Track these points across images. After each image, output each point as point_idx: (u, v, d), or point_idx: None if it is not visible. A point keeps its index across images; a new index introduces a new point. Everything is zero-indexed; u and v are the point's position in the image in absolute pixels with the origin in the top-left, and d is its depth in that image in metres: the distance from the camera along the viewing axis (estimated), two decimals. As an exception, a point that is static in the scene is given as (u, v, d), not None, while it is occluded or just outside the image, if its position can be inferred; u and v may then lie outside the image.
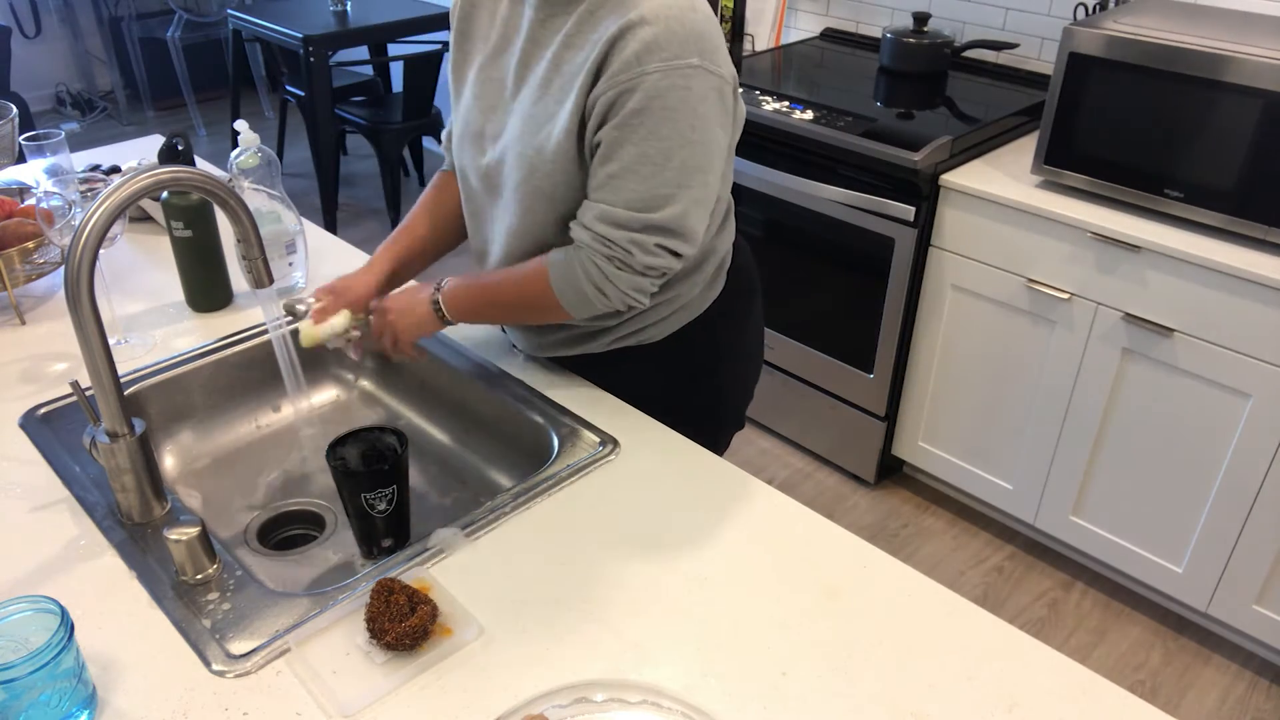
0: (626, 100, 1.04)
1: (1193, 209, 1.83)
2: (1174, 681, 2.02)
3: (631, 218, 1.08)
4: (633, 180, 1.06)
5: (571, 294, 1.13)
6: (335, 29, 3.60)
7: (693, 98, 1.04)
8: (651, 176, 1.06)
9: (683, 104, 1.04)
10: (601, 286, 1.12)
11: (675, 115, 1.04)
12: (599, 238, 1.09)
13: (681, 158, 1.06)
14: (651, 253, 1.10)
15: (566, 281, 1.13)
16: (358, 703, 0.86)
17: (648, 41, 1.02)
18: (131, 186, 0.93)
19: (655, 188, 1.07)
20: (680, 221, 1.09)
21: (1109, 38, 1.82)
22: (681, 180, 1.07)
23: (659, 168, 1.06)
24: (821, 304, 2.40)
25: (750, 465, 2.61)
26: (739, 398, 1.44)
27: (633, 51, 1.03)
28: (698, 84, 1.04)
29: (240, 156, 1.48)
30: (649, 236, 1.09)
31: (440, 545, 1.04)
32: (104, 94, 5.18)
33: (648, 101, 1.03)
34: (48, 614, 0.83)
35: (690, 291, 1.28)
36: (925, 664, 0.91)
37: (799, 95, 2.35)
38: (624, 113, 1.04)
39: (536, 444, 1.24)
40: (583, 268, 1.11)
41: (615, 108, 1.05)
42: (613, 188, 1.08)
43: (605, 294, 1.12)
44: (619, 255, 1.10)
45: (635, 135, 1.05)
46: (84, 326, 0.95)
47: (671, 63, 1.03)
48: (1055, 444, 2.12)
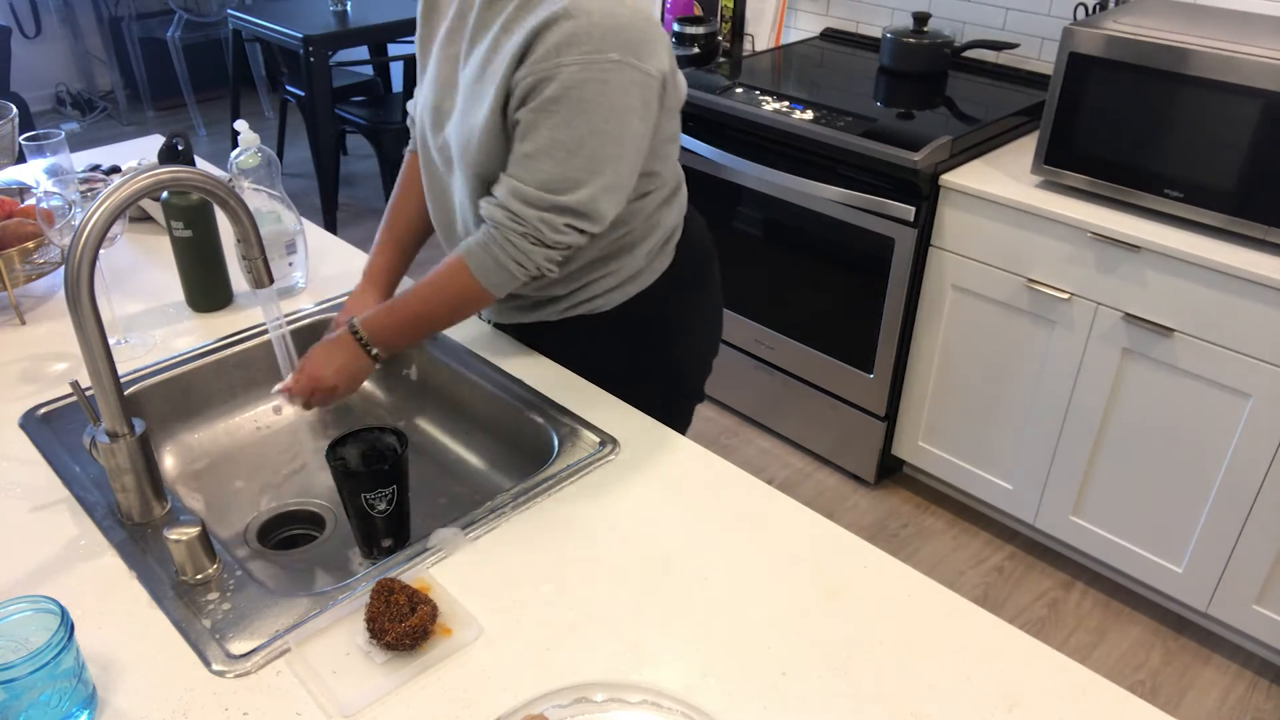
0: (544, 88, 1.09)
1: (1193, 209, 1.83)
2: (1174, 681, 2.02)
3: (540, 197, 1.13)
4: (546, 163, 1.12)
5: (493, 274, 1.18)
6: (335, 29, 3.60)
7: (609, 90, 1.09)
8: (563, 162, 1.12)
9: (598, 96, 1.09)
10: (519, 260, 1.17)
11: (589, 106, 1.09)
12: (511, 215, 1.15)
13: (593, 146, 1.11)
14: (560, 231, 1.15)
15: (486, 264, 1.18)
16: (358, 703, 0.86)
17: (568, 34, 1.07)
18: (131, 186, 0.93)
19: (566, 172, 1.12)
20: (588, 205, 1.15)
21: (1109, 38, 1.82)
22: (592, 167, 1.13)
23: (570, 154, 1.11)
24: (821, 304, 2.40)
25: (750, 465, 2.61)
26: (695, 369, 1.48)
27: (553, 43, 1.08)
28: (615, 78, 1.09)
29: (240, 156, 1.48)
30: (558, 216, 1.14)
31: (440, 545, 1.04)
32: (104, 94, 5.18)
33: (563, 91, 1.09)
34: (48, 614, 0.83)
35: (635, 263, 1.33)
36: (925, 664, 0.91)
37: (799, 95, 2.35)
38: (540, 99, 1.10)
39: (536, 444, 1.24)
40: (500, 246, 1.16)
41: (533, 93, 1.10)
42: (527, 166, 1.13)
43: (524, 266, 1.18)
44: (531, 232, 1.15)
45: (549, 121, 1.10)
46: (84, 326, 0.95)
47: (590, 56, 1.08)
48: (1055, 444, 2.12)
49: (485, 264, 1.18)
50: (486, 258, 1.17)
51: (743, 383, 2.71)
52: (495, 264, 1.17)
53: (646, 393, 1.32)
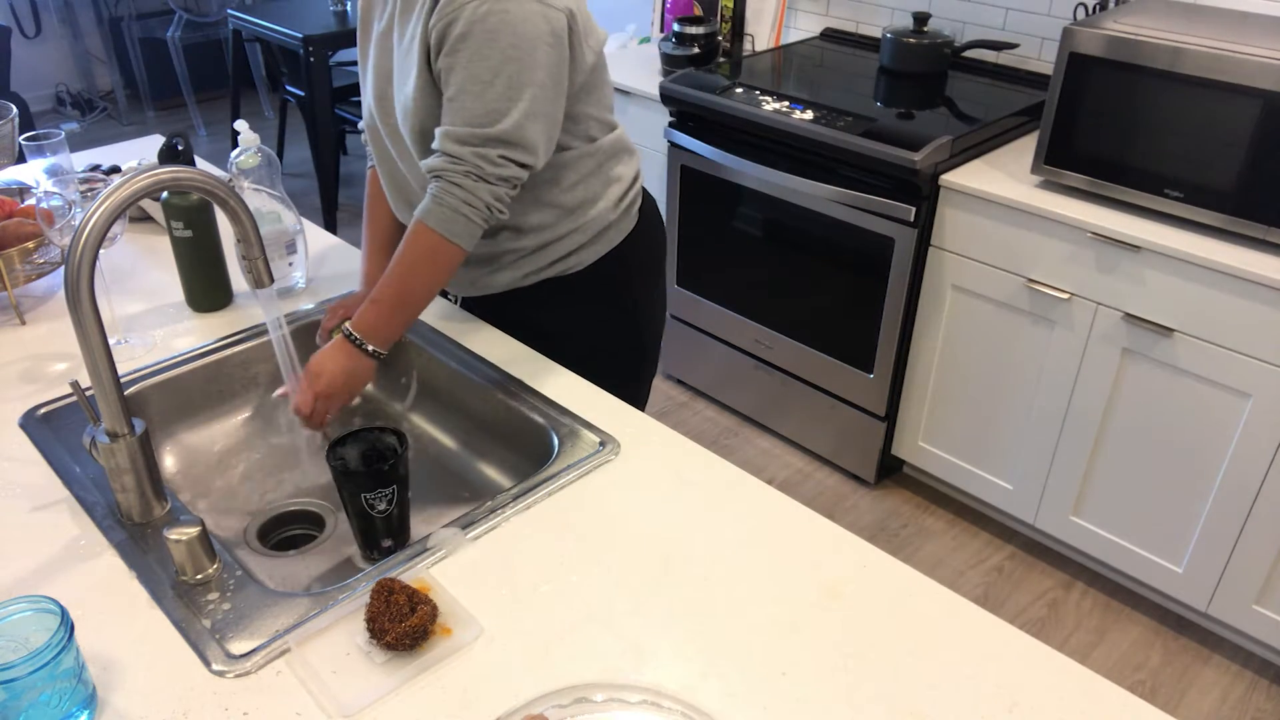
0: (451, 29, 1.15)
1: (1193, 209, 1.83)
2: (1174, 681, 2.02)
3: (470, 133, 1.18)
4: (467, 99, 1.17)
5: (454, 223, 1.21)
6: (335, 29, 3.59)
7: (512, 19, 1.15)
8: (481, 94, 1.16)
9: (502, 25, 1.14)
10: (470, 201, 1.20)
11: (496, 36, 1.14)
12: (448, 158, 1.19)
13: (507, 74, 1.16)
14: (496, 164, 1.19)
15: (443, 215, 1.20)
16: (358, 703, 0.86)
17: None
18: (131, 186, 0.93)
19: (487, 104, 1.17)
20: (515, 134, 1.19)
21: (1109, 38, 1.82)
22: (509, 95, 1.17)
23: (486, 85, 1.16)
24: (821, 304, 2.40)
25: (750, 465, 2.61)
26: (653, 335, 1.55)
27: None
28: (515, 8, 1.15)
29: (240, 156, 1.48)
30: (490, 149, 1.19)
31: (440, 545, 1.04)
32: (104, 94, 5.18)
33: (469, 27, 1.14)
34: (48, 614, 0.83)
35: (604, 218, 1.40)
36: (925, 664, 0.91)
37: (799, 95, 2.35)
38: (450, 40, 1.16)
39: (536, 444, 1.24)
40: (447, 193, 1.20)
41: (444, 38, 1.16)
42: (452, 110, 1.18)
43: (475, 207, 1.21)
44: (471, 170, 1.19)
45: (461, 59, 1.16)
46: (84, 326, 0.95)
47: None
48: (1055, 444, 2.12)
49: (441, 215, 1.20)
50: (440, 209, 1.20)
51: (743, 383, 2.71)
52: (451, 211, 1.20)
53: (614, 357, 1.43)
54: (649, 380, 1.59)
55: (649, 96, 2.63)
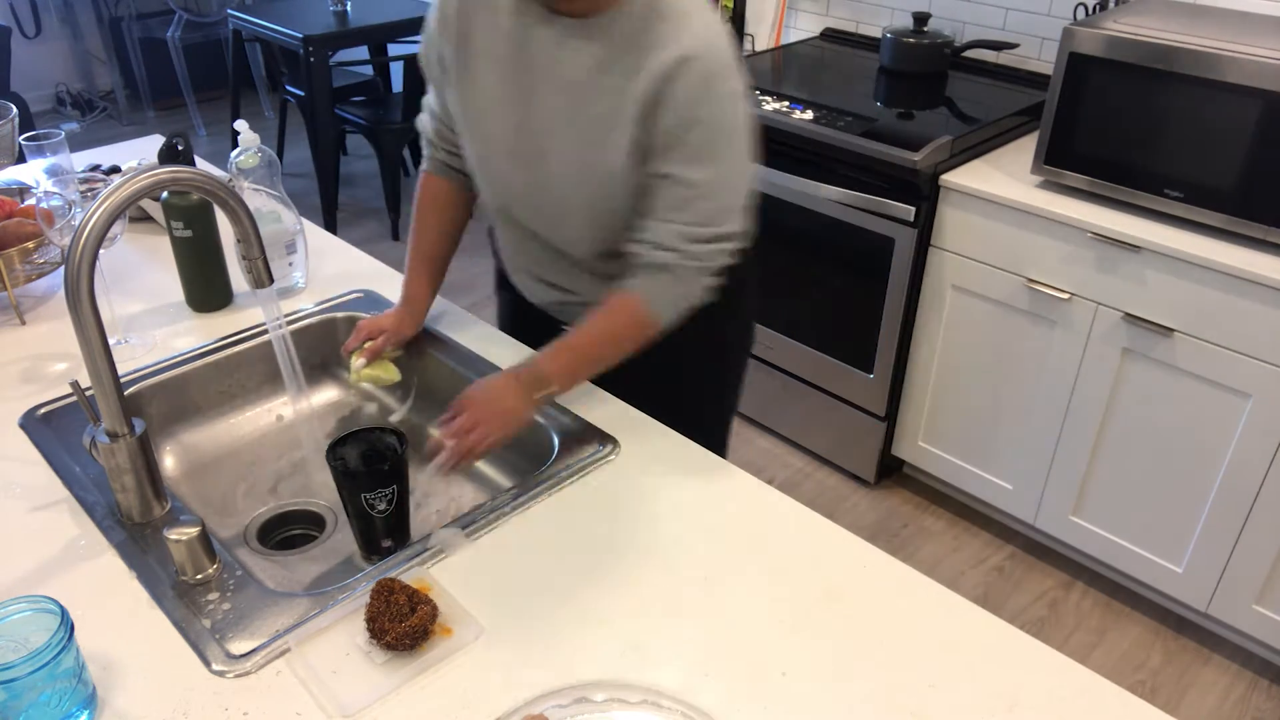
0: (693, 134, 1.13)
1: (1193, 209, 1.83)
2: (1174, 681, 2.02)
3: (709, 232, 1.19)
4: (704, 202, 1.17)
5: (670, 310, 1.23)
6: (335, 29, 3.59)
7: (739, 120, 1.16)
8: (719, 195, 1.18)
9: (736, 128, 1.16)
10: (690, 295, 1.23)
11: (733, 140, 1.16)
12: (686, 255, 1.19)
13: (741, 174, 1.19)
14: (722, 256, 1.22)
15: (666, 305, 1.22)
16: (358, 703, 0.86)
17: (704, 75, 1.11)
18: (131, 186, 0.93)
19: (723, 203, 1.19)
20: (743, 226, 1.22)
21: (1109, 38, 1.82)
22: (740, 191, 1.20)
23: (727, 186, 1.18)
24: (821, 304, 2.40)
25: (750, 465, 2.61)
26: (737, 380, 1.56)
27: (692, 87, 1.11)
28: (740, 106, 1.16)
29: (240, 156, 1.48)
30: (724, 244, 1.21)
31: (440, 545, 1.04)
32: (104, 94, 5.18)
33: (713, 133, 1.14)
34: (48, 614, 0.83)
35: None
36: (925, 664, 0.91)
37: (799, 95, 2.35)
38: (691, 146, 1.14)
39: (536, 444, 1.24)
40: (677, 284, 1.21)
41: (681, 140, 1.14)
42: (688, 209, 1.17)
43: (692, 301, 1.24)
44: (704, 265, 1.21)
45: (707, 162, 1.15)
46: (84, 326, 0.95)
47: (721, 92, 1.13)
48: (1055, 444, 2.12)
49: (666, 303, 1.22)
50: (667, 297, 1.22)
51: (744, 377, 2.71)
52: (673, 304, 1.22)
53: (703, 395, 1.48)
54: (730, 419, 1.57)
55: (649, 96, 2.62)
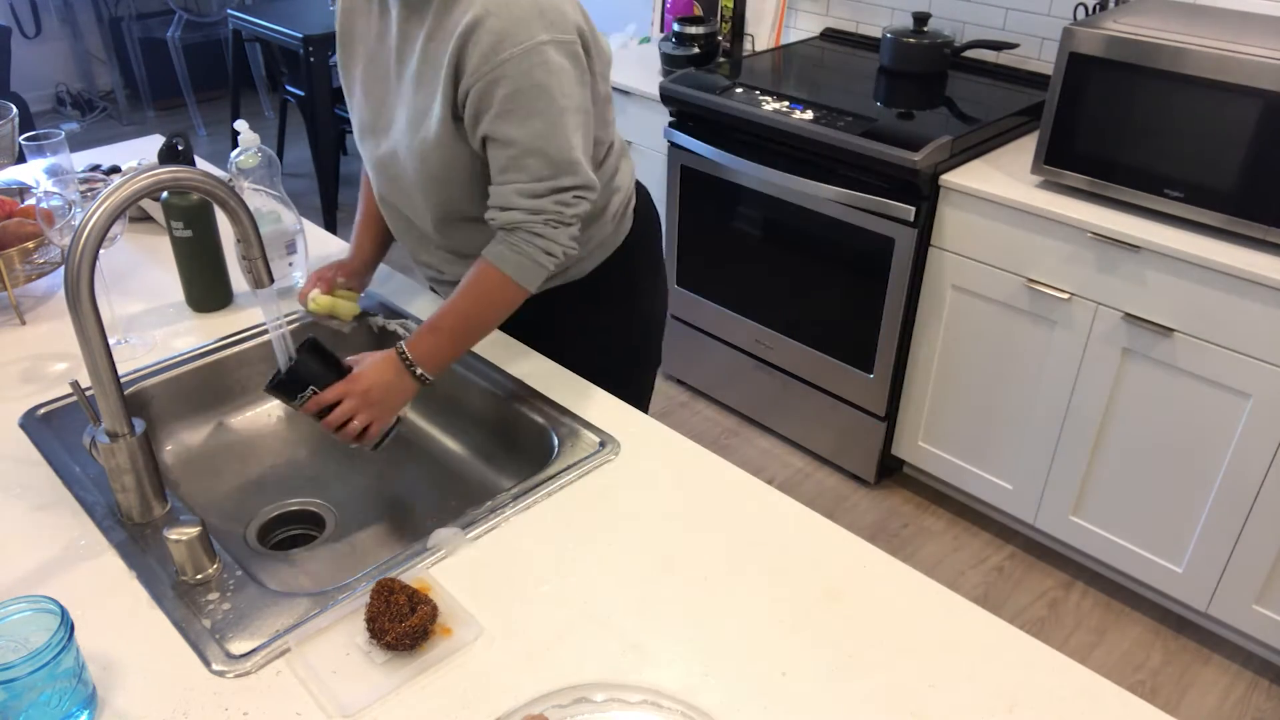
0: (495, 90, 1.15)
1: (1193, 209, 1.83)
2: (1174, 681, 2.02)
3: (545, 186, 1.20)
4: (532, 158, 1.18)
5: (528, 271, 1.23)
6: (335, 29, 3.59)
7: (553, 68, 1.16)
8: (547, 147, 1.18)
9: (547, 76, 1.16)
10: (548, 249, 1.23)
11: (545, 89, 1.16)
12: (528, 211, 1.20)
13: (562, 124, 1.18)
14: (571, 205, 1.22)
15: (521, 265, 1.22)
16: (358, 703, 0.86)
17: (497, 32, 1.13)
18: (131, 186, 0.93)
19: (553, 154, 1.19)
20: (582, 173, 1.22)
21: (1109, 38, 1.82)
22: (570, 141, 1.20)
23: (548, 139, 1.18)
24: (821, 304, 2.40)
25: (750, 465, 2.61)
26: (656, 331, 1.58)
27: (487, 44, 1.14)
28: (552, 56, 1.16)
29: (240, 156, 1.48)
30: (565, 193, 1.21)
31: (440, 545, 1.04)
32: (104, 94, 5.17)
33: (515, 88, 1.15)
34: (48, 614, 0.83)
35: (603, 230, 1.41)
36: (925, 664, 0.91)
37: (799, 95, 2.35)
38: (498, 101, 1.16)
39: (536, 444, 1.24)
40: (527, 243, 1.22)
41: (486, 99, 1.16)
42: (519, 167, 1.19)
43: (552, 254, 1.23)
44: (552, 217, 1.21)
45: (517, 118, 1.16)
46: (84, 326, 0.95)
47: (523, 45, 1.14)
48: (1055, 444, 2.12)
49: (519, 264, 1.22)
50: (518, 257, 1.22)
51: (743, 383, 2.71)
52: (530, 261, 1.22)
53: (614, 356, 1.45)
54: (653, 374, 1.60)
55: (649, 96, 2.63)
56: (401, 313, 1.47)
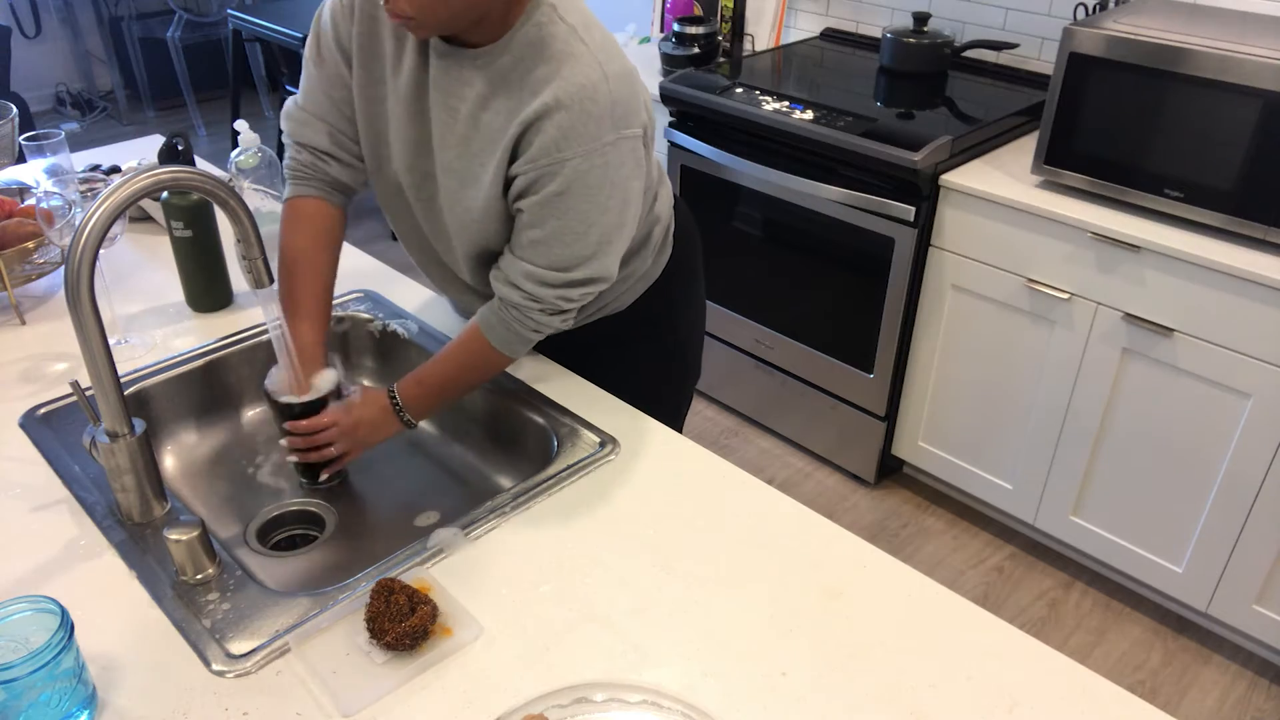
0: (546, 183, 1.08)
1: (1193, 209, 1.83)
2: (1174, 681, 2.02)
3: (557, 277, 1.14)
4: (556, 246, 1.12)
5: (514, 345, 1.21)
6: (335, 29, 3.59)
7: (610, 171, 1.09)
8: (573, 244, 1.12)
9: (601, 180, 1.09)
10: (538, 329, 1.20)
11: (594, 192, 1.09)
12: (529, 296, 1.15)
13: (602, 225, 1.12)
14: (575, 300, 1.18)
15: (507, 338, 1.20)
16: (358, 703, 0.86)
17: (564, 129, 1.05)
18: (131, 186, 0.93)
19: (577, 251, 1.12)
20: (600, 272, 1.16)
21: (1109, 38, 1.82)
22: (602, 241, 1.13)
23: (580, 236, 1.11)
24: (821, 304, 2.40)
25: (750, 465, 2.61)
26: (696, 344, 1.54)
27: (550, 139, 1.06)
28: (614, 156, 1.09)
29: (240, 156, 1.48)
30: (574, 289, 1.16)
31: (440, 545, 1.04)
32: (104, 94, 5.17)
33: (567, 185, 1.08)
34: (48, 614, 0.83)
35: (643, 264, 1.35)
36: (925, 664, 0.91)
37: (799, 95, 2.35)
38: (544, 193, 1.09)
39: (536, 444, 1.24)
40: (519, 323, 1.18)
41: (535, 187, 1.09)
42: (537, 251, 1.13)
43: (540, 333, 1.21)
44: (548, 308, 1.17)
45: (556, 212, 1.10)
46: (84, 326, 0.95)
47: (588, 145, 1.06)
48: (1055, 444, 2.12)
49: (506, 338, 1.20)
50: (506, 333, 1.19)
51: (743, 383, 2.71)
52: (516, 336, 1.19)
53: (659, 375, 1.41)
54: (690, 392, 1.56)
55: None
56: (402, 313, 1.47)
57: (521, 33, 1.07)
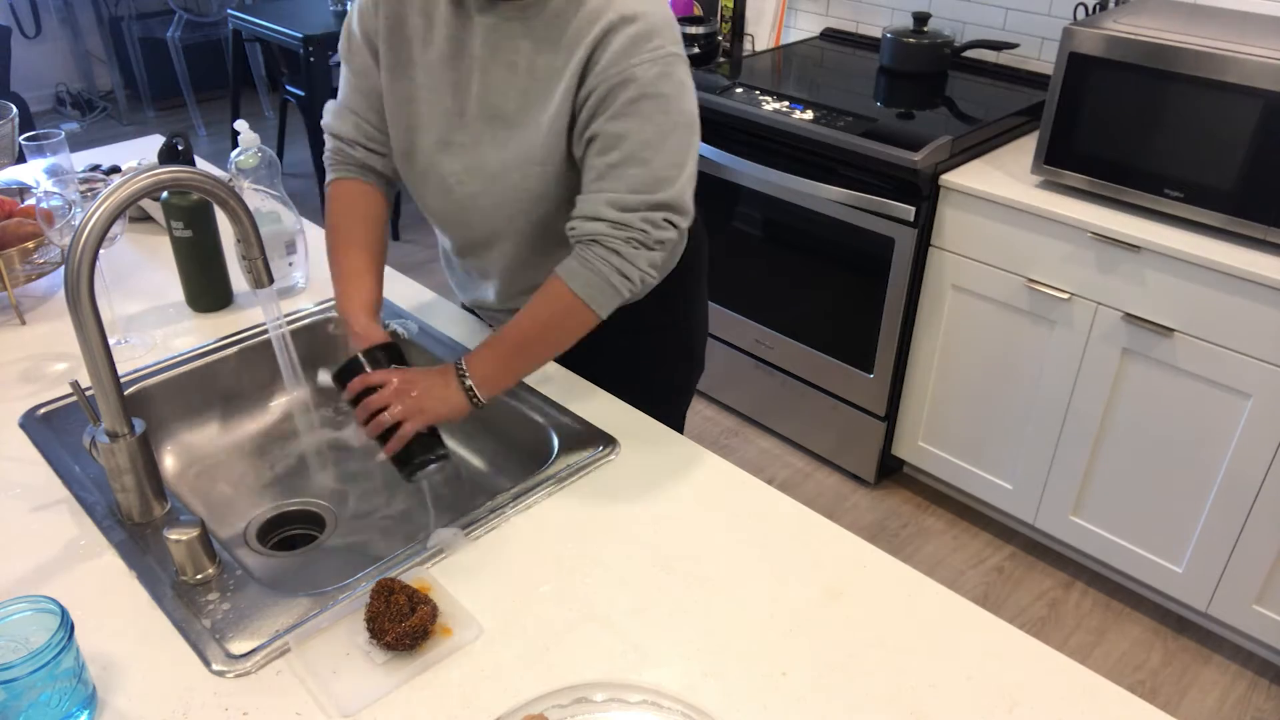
0: (620, 92, 1.10)
1: (1193, 209, 1.83)
2: (1174, 681, 2.02)
3: (639, 200, 1.13)
4: (635, 166, 1.12)
5: (600, 292, 1.14)
6: (335, 29, 3.59)
7: (674, 82, 1.12)
8: (652, 159, 1.12)
9: (669, 90, 1.12)
10: (625, 271, 1.14)
11: (666, 101, 1.11)
12: (614, 224, 1.13)
13: (675, 139, 1.13)
14: (660, 227, 1.15)
15: (592, 283, 1.14)
16: (358, 703, 0.86)
17: (634, 36, 1.09)
18: (131, 186, 0.93)
19: (656, 170, 1.12)
20: (680, 198, 1.16)
21: (1109, 38, 1.82)
22: (676, 159, 1.14)
23: (657, 151, 1.12)
24: (821, 304, 2.40)
25: (750, 465, 2.61)
26: (702, 340, 1.53)
27: (620, 46, 1.09)
28: (677, 69, 1.13)
29: (240, 156, 1.48)
30: (657, 213, 1.14)
31: (440, 545, 1.04)
32: (104, 94, 5.17)
33: (641, 91, 1.10)
34: (48, 614, 0.83)
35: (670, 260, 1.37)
36: (925, 664, 0.91)
37: (799, 95, 2.35)
38: (618, 103, 1.10)
39: (536, 444, 1.24)
40: (603, 260, 1.13)
41: (608, 100, 1.11)
42: (616, 175, 1.12)
43: (629, 277, 1.15)
44: (636, 236, 1.13)
45: (633, 123, 1.11)
46: (84, 326, 0.95)
47: (657, 53, 1.10)
48: (1055, 444, 2.12)
49: (590, 282, 1.13)
50: (591, 275, 1.13)
51: (743, 383, 2.71)
52: (602, 280, 1.13)
53: (670, 368, 1.41)
54: (696, 377, 1.54)
55: (649, 96, 2.62)
56: (402, 313, 1.47)
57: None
